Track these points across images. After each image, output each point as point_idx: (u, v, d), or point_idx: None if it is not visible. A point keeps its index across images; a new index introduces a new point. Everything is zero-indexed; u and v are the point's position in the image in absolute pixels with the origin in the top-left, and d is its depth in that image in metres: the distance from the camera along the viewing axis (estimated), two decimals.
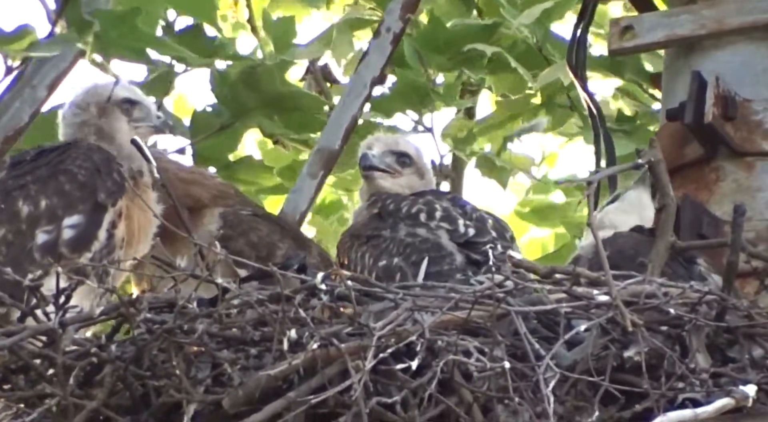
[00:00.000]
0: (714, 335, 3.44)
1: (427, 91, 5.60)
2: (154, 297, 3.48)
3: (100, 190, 3.79)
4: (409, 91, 5.60)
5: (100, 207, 3.79)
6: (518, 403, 3.25)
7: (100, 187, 3.80)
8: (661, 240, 3.82)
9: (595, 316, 3.39)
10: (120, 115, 3.98)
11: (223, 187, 4.33)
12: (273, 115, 5.31)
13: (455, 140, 5.88)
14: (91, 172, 3.81)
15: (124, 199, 3.82)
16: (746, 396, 3.25)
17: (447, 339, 3.32)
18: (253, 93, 5.25)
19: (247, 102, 5.27)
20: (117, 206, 3.80)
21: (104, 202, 3.79)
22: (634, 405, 3.31)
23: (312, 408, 3.28)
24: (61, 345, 3.36)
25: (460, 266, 3.91)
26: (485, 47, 5.49)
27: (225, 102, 5.35)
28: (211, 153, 5.33)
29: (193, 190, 4.26)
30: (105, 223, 3.78)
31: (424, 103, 5.64)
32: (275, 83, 5.30)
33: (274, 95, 5.26)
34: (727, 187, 4.24)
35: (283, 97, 5.32)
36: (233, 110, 5.29)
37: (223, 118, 5.37)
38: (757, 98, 4.28)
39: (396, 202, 4.09)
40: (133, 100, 4.01)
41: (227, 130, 5.33)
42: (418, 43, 5.57)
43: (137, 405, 3.40)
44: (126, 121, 3.98)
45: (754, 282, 3.80)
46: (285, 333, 3.35)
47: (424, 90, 5.60)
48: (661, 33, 4.36)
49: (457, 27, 5.57)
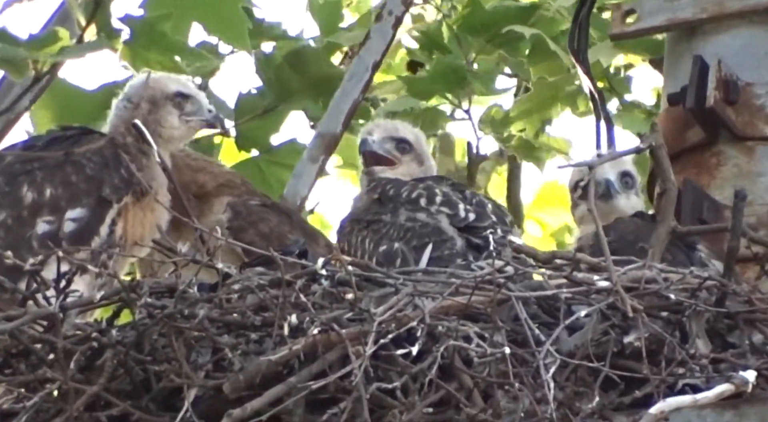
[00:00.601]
0: (714, 320, 3.44)
1: (465, 74, 5.57)
2: (155, 282, 3.48)
3: (106, 185, 3.78)
4: (447, 73, 5.57)
5: (104, 202, 3.78)
6: (518, 389, 3.26)
7: (106, 182, 3.79)
8: (661, 225, 3.82)
9: (595, 302, 3.39)
10: (172, 108, 3.97)
11: (230, 176, 4.32)
12: (318, 98, 5.28)
13: (492, 123, 5.85)
14: (100, 166, 3.80)
15: (131, 197, 3.81)
16: (746, 382, 3.25)
17: (447, 325, 3.33)
18: (298, 75, 5.23)
19: (292, 85, 5.23)
20: (122, 202, 3.79)
21: (109, 197, 3.78)
22: (634, 390, 3.31)
23: (312, 393, 3.28)
24: (61, 330, 3.36)
25: (461, 251, 3.91)
26: (524, 29, 5.47)
27: (269, 84, 5.32)
28: (254, 135, 5.30)
29: (199, 177, 4.25)
30: (108, 219, 3.77)
31: (462, 85, 5.61)
32: (321, 66, 5.27)
33: (320, 78, 5.23)
34: (728, 171, 4.23)
35: (329, 80, 5.28)
36: (277, 93, 5.26)
37: (267, 101, 5.34)
38: (758, 82, 4.26)
39: (396, 187, 4.08)
40: (185, 93, 3.98)
41: (271, 112, 5.29)
42: (456, 25, 5.54)
43: (138, 390, 3.41)
44: (177, 114, 3.96)
45: (755, 267, 3.79)
46: (285, 319, 3.35)
47: (462, 72, 5.57)
48: (663, 17, 4.34)
49: (495, 9, 5.54)
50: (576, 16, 4.58)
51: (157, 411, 3.40)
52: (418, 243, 3.94)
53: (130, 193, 3.80)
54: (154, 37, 4.20)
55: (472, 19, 5.52)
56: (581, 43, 4.58)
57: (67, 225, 3.74)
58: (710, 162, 4.24)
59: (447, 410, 3.31)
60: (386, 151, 4.18)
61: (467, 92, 5.68)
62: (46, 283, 3.47)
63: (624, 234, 3.87)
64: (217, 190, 4.26)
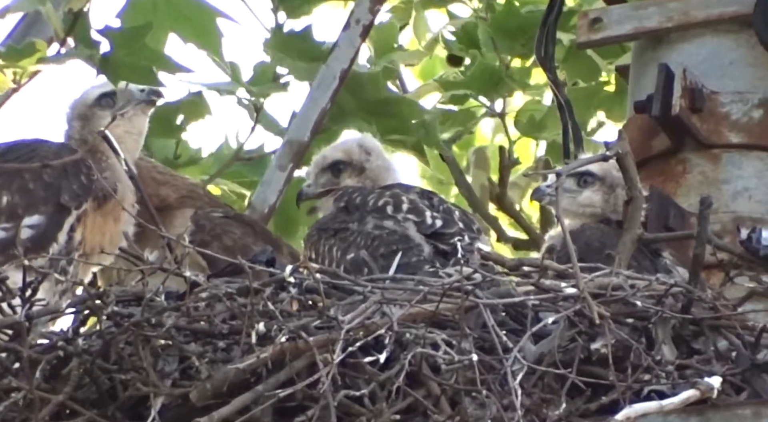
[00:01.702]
0: (680, 327, 3.46)
1: (501, 77, 5.57)
2: (121, 291, 3.47)
3: (64, 192, 3.77)
4: (483, 76, 5.57)
5: (63, 208, 3.76)
6: (486, 396, 3.27)
7: (65, 189, 3.77)
8: (628, 232, 3.84)
9: (562, 309, 3.40)
10: (102, 113, 3.96)
11: (192, 187, 4.31)
12: (371, 120, 5.28)
13: (525, 126, 5.85)
14: (58, 173, 3.79)
15: (91, 204, 3.79)
16: (711, 388, 3.27)
17: (415, 332, 3.33)
18: (354, 98, 5.23)
19: (347, 106, 5.23)
20: (81, 209, 3.78)
21: (67, 204, 3.76)
22: (600, 397, 3.33)
23: (280, 401, 3.28)
24: (27, 339, 3.34)
25: (428, 257, 3.92)
26: (560, 34, 5.48)
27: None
28: (307, 154, 5.28)
29: (162, 190, 4.24)
30: (66, 226, 3.75)
31: (498, 88, 5.61)
32: (377, 89, 5.28)
33: (375, 101, 5.24)
34: (693, 179, 4.26)
35: (384, 103, 5.30)
36: (332, 113, 5.25)
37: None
38: (724, 90, 4.29)
39: (363, 195, 4.09)
40: (108, 91, 3.99)
41: (324, 133, 5.28)
42: (492, 28, 5.54)
43: (104, 399, 3.39)
44: (110, 114, 3.96)
45: (720, 274, 3.82)
46: (253, 327, 3.34)
47: (498, 75, 5.57)
48: (629, 25, 4.37)
49: (531, 13, 5.54)
50: (543, 23, 4.60)
51: (123, 420, 3.38)
52: (386, 250, 3.95)
53: (90, 200, 3.79)
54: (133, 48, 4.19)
55: (507, 22, 5.52)
56: (548, 50, 4.60)
57: (24, 231, 3.73)
58: (676, 169, 4.27)
59: (415, 417, 3.32)
60: (322, 186, 4.19)
61: (502, 95, 5.68)
62: (12, 292, 3.44)
63: (590, 241, 3.89)
64: (179, 201, 4.25)
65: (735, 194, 4.22)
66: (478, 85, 5.59)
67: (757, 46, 4.29)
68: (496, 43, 5.55)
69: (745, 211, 4.20)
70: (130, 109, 3.98)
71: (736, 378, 3.38)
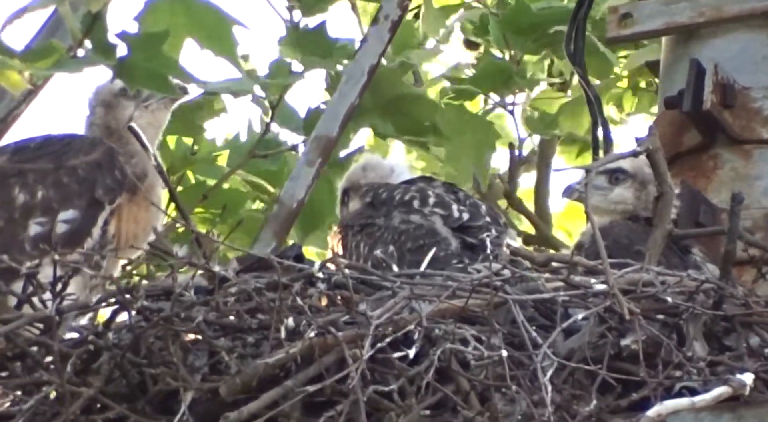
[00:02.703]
0: (711, 323, 3.44)
1: (511, 74, 5.57)
2: (151, 285, 3.48)
3: (98, 187, 3.78)
4: (493, 73, 5.56)
5: (97, 203, 3.78)
6: (515, 392, 3.25)
7: (99, 183, 3.79)
8: (658, 228, 3.82)
9: (592, 305, 3.39)
10: (125, 102, 3.99)
11: None
12: (387, 116, 5.28)
13: (536, 123, 5.84)
14: (92, 167, 3.80)
15: (125, 196, 3.81)
16: (743, 385, 3.25)
17: (444, 328, 3.32)
18: (369, 94, 5.21)
19: (363, 102, 5.23)
20: (115, 204, 3.80)
21: (101, 199, 3.78)
22: (631, 393, 3.31)
23: (309, 396, 3.28)
24: (57, 333, 3.36)
25: (456, 251, 3.91)
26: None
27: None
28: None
29: None
30: (100, 221, 3.77)
31: (508, 85, 5.61)
32: (395, 86, 5.27)
33: (392, 98, 5.23)
34: (724, 174, 4.23)
35: (400, 100, 5.28)
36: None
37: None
38: (755, 85, 4.27)
39: (388, 191, 4.09)
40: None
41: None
42: (503, 25, 5.53)
43: (134, 393, 3.40)
44: (134, 105, 3.98)
45: (752, 270, 3.80)
46: (282, 322, 3.34)
47: (508, 72, 5.57)
48: (660, 20, 4.34)
49: (543, 10, 5.53)
50: (573, 18, 4.58)
51: (153, 414, 3.39)
52: (413, 245, 3.94)
53: (124, 194, 3.80)
54: (150, 54, 4.20)
55: (518, 19, 5.51)
56: (578, 46, 4.58)
57: (59, 226, 3.75)
58: (707, 165, 4.24)
59: (444, 413, 3.31)
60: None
61: (512, 92, 5.67)
62: (43, 286, 3.46)
63: (618, 238, 3.87)
64: None
65: (766, 190, 4.20)
66: (488, 82, 5.58)
67: None
68: (508, 39, 5.54)
69: None
70: (154, 102, 4.01)
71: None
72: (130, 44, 4.24)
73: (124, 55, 4.31)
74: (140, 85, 4.06)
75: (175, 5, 4.40)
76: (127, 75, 4.15)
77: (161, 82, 4.12)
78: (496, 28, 5.52)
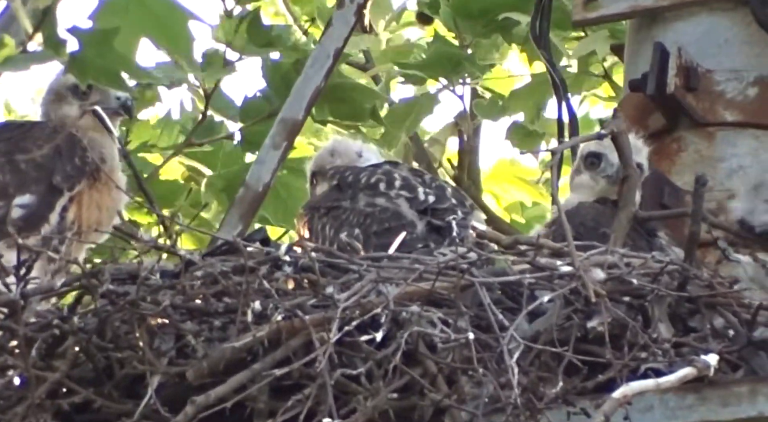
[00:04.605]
0: (676, 305, 3.46)
1: (461, 59, 5.57)
2: (116, 269, 3.46)
3: (57, 173, 3.76)
4: (442, 58, 5.56)
5: (54, 189, 3.76)
6: (482, 374, 3.26)
7: (57, 170, 3.76)
8: (623, 210, 3.84)
9: (558, 287, 3.40)
10: (72, 99, 3.96)
11: None
12: (324, 103, 5.26)
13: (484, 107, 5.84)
14: (51, 154, 3.78)
15: (85, 183, 3.79)
16: (708, 366, 3.27)
17: (411, 311, 3.33)
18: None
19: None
20: (74, 191, 3.77)
21: (59, 186, 3.76)
22: (597, 375, 3.32)
23: (277, 380, 3.27)
24: (22, 317, 3.34)
25: (421, 235, 3.91)
26: (520, 16, 5.47)
27: (276, 90, 5.31)
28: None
29: None
30: (57, 207, 3.75)
31: (458, 70, 5.61)
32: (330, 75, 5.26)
33: (328, 85, 5.22)
34: (688, 157, 4.26)
35: (337, 87, 5.27)
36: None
37: (273, 105, 5.32)
38: (719, 68, 4.29)
39: (354, 174, 4.08)
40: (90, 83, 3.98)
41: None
42: (453, 9, 5.53)
43: (100, 377, 3.38)
44: (78, 105, 3.95)
45: (716, 252, 3.83)
46: (249, 305, 3.33)
47: (458, 58, 5.56)
48: (625, 4, 4.36)
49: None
50: (538, 1, 4.58)
51: (120, 399, 3.37)
52: (379, 228, 3.94)
53: (84, 181, 3.78)
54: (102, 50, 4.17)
55: (468, 3, 5.52)
56: (543, 29, 4.59)
57: (15, 211, 3.72)
58: (671, 148, 4.27)
59: (411, 396, 3.32)
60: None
61: (462, 77, 5.68)
62: (6, 270, 3.44)
63: (584, 220, 3.88)
64: None
65: (730, 172, 4.23)
66: (437, 67, 5.59)
67: (752, 23, 4.28)
68: (458, 24, 5.54)
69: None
70: (96, 110, 3.98)
71: (732, 356, 3.38)
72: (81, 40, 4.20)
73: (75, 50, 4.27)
74: (92, 79, 4.03)
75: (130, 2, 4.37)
76: (79, 70, 4.10)
77: (113, 77, 4.09)
78: (446, 12, 5.52)
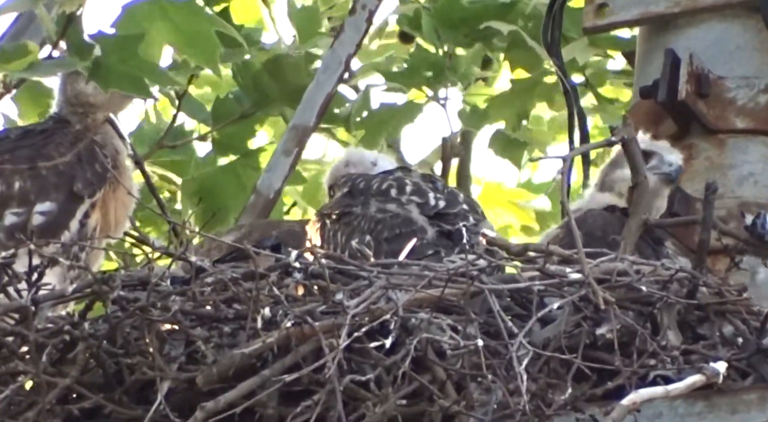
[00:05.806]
0: (685, 312, 3.46)
1: (443, 68, 5.60)
2: (127, 275, 3.48)
3: (78, 180, 3.78)
4: (424, 66, 5.59)
5: (75, 197, 3.77)
6: (491, 381, 3.27)
7: (78, 177, 3.78)
8: (633, 217, 3.84)
9: (567, 294, 3.40)
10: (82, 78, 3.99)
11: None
12: (295, 105, 5.28)
13: (467, 116, 5.87)
14: (72, 161, 3.80)
15: (104, 189, 3.81)
16: (717, 373, 3.27)
17: (421, 317, 3.33)
18: (276, 83, 5.23)
19: (270, 92, 5.24)
20: (95, 197, 3.79)
21: (80, 193, 3.78)
22: (606, 382, 3.33)
23: (286, 386, 3.28)
24: (33, 323, 3.35)
25: (431, 241, 3.92)
26: (501, 25, 5.49)
27: (247, 90, 5.34)
28: (231, 140, 5.31)
29: None
30: (78, 214, 3.77)
31: (440, 79, 5.64)
32: (301, 75, 5.28)
33: (298, 86, 5.24)
34: (699, 164, 4.26)
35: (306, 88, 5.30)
36: (255, 99, 5.27)
37: (244, 107, 5.35)
38: (730, 75, 4.29)
39: (366, 180, 4.10)
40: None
41: (248, 118, 5.30)
42: (435, 19, 5.56)
43: (110, 383, 3.40)
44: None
45: (725, 259, 3.82)
46: (259, 311, 3.35)
47: (440, 66, 5.60)
48: (636, 10, 4.36)
49: (474, 4, 5.56)
50: (550, 9, 4.59)
51: (129, 404, 3.39)
52: (389, 234, 3.95)
53: (105, 187, 3.80)
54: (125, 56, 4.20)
55: (450, 13, 5.55)
56: (555, 36, 4.59)
57: (35, 218, 3.74)
58: (681, 155, 4.27)
59: (420, 402, 3.32)
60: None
61: (444, 85, 5.70)
62: (18, 276, 3.45)
63: (592, 229, 3.89)
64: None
65: (740, 179, 4.23)
66: (419, 76, 5.62)
67: (763, 30, 4.28)
68: (439, 33, 5.57)
69: (751, 196, 4.20)
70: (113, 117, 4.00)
71: (741, 364, 3.38)
72: (105, 46, 4.23)
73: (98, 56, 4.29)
74: (115, 86, 4.05)
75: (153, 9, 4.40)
76: (102, 76, 4.13)
77: (137, 83, 4.12)
78: (428, 22, 5.54)
